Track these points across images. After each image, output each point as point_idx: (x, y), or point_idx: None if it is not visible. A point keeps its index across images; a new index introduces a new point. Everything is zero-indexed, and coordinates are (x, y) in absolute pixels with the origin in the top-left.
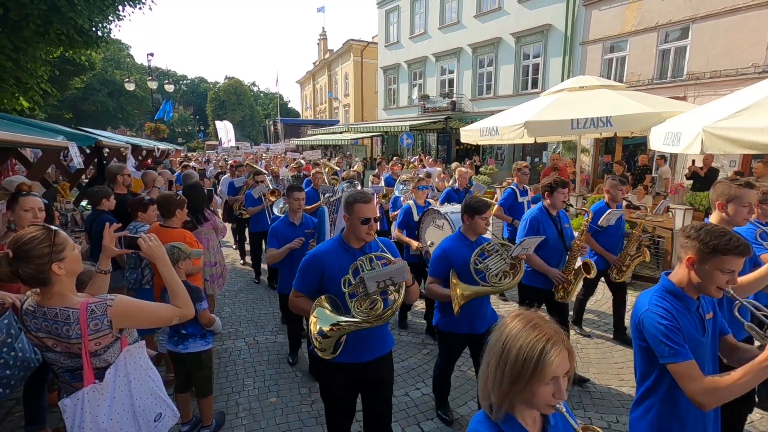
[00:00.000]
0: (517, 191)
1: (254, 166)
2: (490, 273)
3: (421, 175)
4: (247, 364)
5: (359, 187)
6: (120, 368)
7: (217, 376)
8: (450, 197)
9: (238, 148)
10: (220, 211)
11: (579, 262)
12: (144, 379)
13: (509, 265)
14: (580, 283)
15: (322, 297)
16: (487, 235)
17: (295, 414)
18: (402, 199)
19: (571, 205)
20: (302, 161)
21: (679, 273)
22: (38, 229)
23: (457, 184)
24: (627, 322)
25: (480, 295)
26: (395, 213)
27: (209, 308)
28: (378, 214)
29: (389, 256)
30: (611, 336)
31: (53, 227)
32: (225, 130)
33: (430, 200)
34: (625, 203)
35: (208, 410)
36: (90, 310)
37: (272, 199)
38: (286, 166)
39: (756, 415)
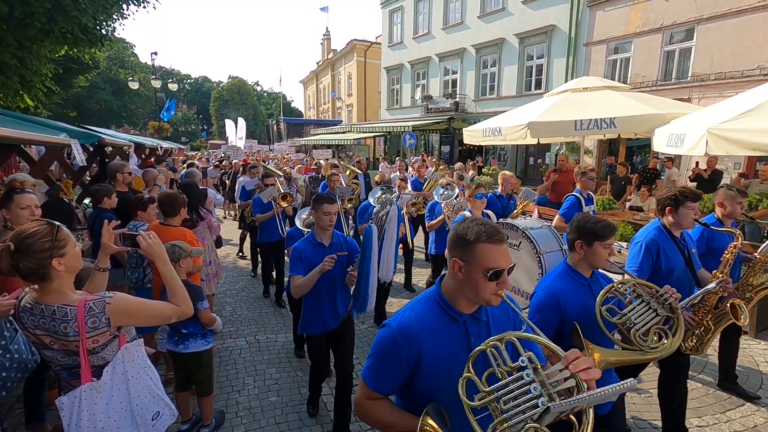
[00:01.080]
0: (582, 199)
1: (267, 167)
2: (636, 330)
3: (477, 180)
4: (247, 363)
5: (396, 194)
6: (118, 366)
7: (218, 375)
8: (492, 205)
9: (240, 147)
10: (216, 210)
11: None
12: (142, 378)
13: (662, 317)
14: (719, 332)
15: (430, 417)
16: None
17: (295, 414)
18: (443, 206)
19: (698, 221)
20: (321, 161)
21: None
22: (41, 223)
23: (500, 189)
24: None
25: (626, 364)
26: (433, 223)
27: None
28: (512, 262)
29: (544, 339)
30: None
31: (56, 223)
32: (234, 127)
33: (488, 212)
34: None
35: (208, 409)
36: (88, 307)
37: (283, 204)
38: (293, 167)
39: (760, 418)
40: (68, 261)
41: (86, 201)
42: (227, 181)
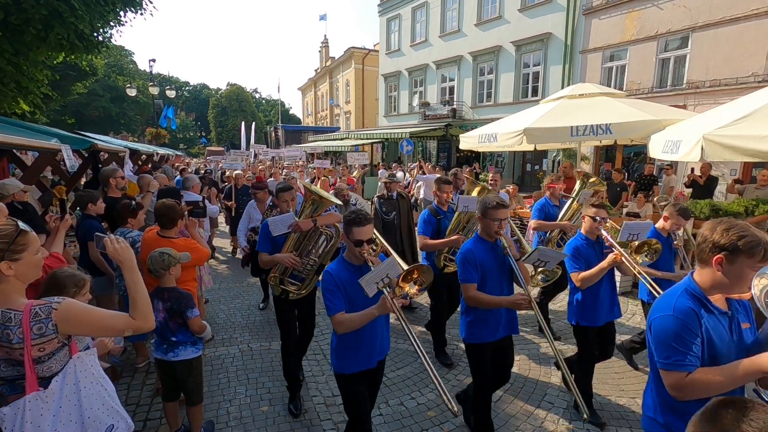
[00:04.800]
0: None
1: (315, 190)
2: None
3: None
4: (239, 372)
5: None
6: (69, 376)
7: (209, 384)
8: None
9: (248, 154)
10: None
11: None
12: (95, 389)
13: None
14: None
15: None
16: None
17: (287, 423)
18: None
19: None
20: (426, 172)
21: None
22: (8, 224)
23: None
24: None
25: None
26: None
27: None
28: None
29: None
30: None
31: (23, 227)
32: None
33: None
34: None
35: (198, 419)
36: (33, 312)
37: (410, 290)
38: (312, 180)
39: None
40: (21, 267)
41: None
42: (229, 203)
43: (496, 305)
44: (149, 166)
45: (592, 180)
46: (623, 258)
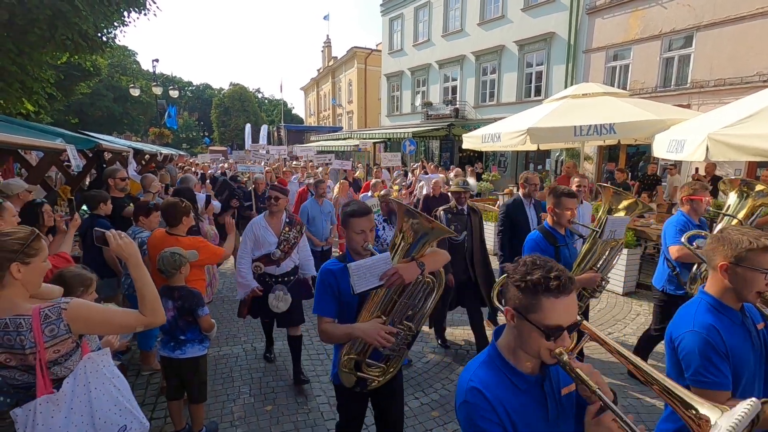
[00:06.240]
0: None
1: (422, 214)
2: None
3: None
4: (243, 371)
5: None
6: (79, 377)
7: (213, 383)
8: None
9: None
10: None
11: None
12: (107, 389)
13: None
14: None
15: None
16: None
17: (291, 423)
18: None
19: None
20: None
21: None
22: (24, 228)
23: None
24: None
25: None
26: None
27: None
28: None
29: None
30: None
31: (38, 232)
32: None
33: None
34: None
35: (200, 416)
36: (44, 315)
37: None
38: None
39: None
40: (30, 271)
41: (84, 207)
42: (249, 213)
43: None
44: (153, 165)
45: (759, 189)
46: None
